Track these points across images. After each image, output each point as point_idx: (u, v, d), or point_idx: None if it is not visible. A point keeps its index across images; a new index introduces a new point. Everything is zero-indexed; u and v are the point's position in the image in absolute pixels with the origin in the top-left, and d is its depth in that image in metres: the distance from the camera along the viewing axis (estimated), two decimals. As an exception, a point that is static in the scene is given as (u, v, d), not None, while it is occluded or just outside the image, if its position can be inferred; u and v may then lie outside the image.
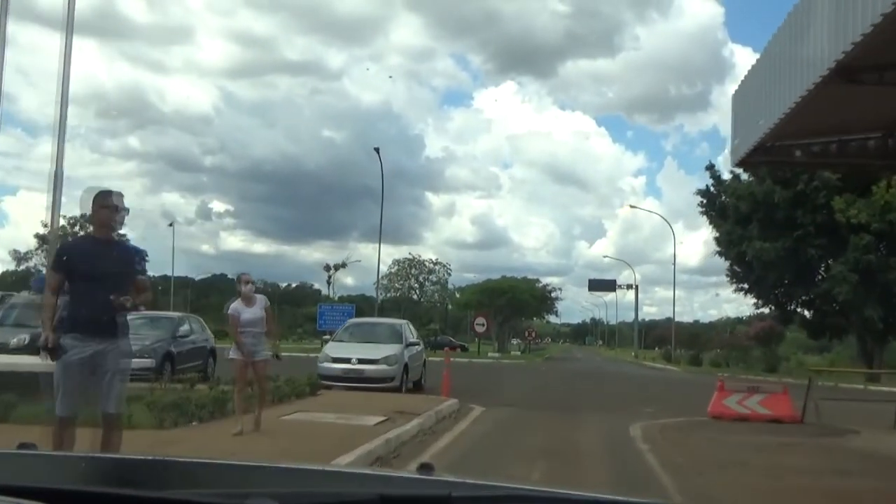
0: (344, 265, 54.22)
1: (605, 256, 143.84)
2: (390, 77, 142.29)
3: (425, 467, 1.46)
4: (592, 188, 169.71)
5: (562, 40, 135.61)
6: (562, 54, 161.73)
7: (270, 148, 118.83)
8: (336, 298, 53.24)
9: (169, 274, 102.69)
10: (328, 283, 54.82)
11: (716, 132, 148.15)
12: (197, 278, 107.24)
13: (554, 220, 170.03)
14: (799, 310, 39.31)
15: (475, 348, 64.39)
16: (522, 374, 28.08)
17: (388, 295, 50.90)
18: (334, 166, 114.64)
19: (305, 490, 1.33)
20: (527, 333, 67.88)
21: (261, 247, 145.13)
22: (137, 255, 8.43)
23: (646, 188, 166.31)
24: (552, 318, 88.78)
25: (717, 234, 37.84)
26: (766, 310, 42.52)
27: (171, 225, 57.34)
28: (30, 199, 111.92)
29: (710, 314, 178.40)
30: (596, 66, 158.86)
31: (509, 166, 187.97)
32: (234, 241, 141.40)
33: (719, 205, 37.97)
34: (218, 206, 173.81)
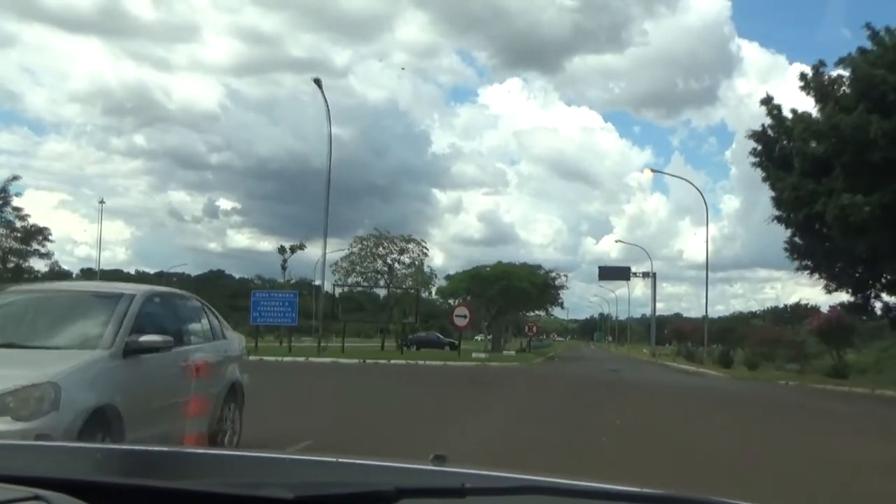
0: (302, 247, 44.30)
1: (617, 241, 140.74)
2: (402, 69, 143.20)
3: (439, 458, 1.48)
4: (599, 184, 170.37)
5: (569, 35, 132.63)
6: (569, 49, 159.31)
7: (276, 145, 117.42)
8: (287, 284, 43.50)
9: (165, 270, 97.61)
10: (283, 268, 45.00)
11: (723, 127, 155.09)
12: (193, 274, 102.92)
13: (561, 216, 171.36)
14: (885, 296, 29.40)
15: (469, 346, 54.67)
16: (500, 391, 18.05)
17: (353, 280, 40.79)
18: (341, 164, 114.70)
19: (320, 480, 1.34)
20: (527, 329, 57.92)
21: (267, 244, 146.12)
22: None
23: (653, 183, 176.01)
24: (557, 312, 79.33)
25: (778, 193, 27.78)
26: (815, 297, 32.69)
27: (101, 202, 47.70)
28: (37, 198, 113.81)
29: (718, 309, 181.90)
30: (603, 62, 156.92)
31: (516, 162, 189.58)
32: (241, 238, 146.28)
33: (780, 152, 27.95)
34: (225, 203, 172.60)
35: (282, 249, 45.61)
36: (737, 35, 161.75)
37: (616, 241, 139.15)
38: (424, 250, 40.64)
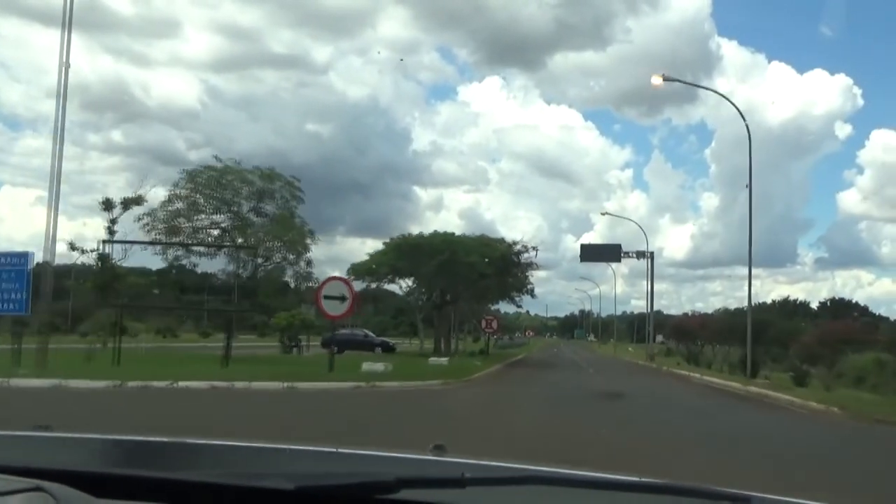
0: (139, 201, 28.56)
1: (603, 213, 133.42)
2: (401, 60, 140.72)
3: (439, 448, 1.52)
4: (579, 182, 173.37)
5: (550, 32, 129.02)
6: (550, 46, 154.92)
7: (257, 142, 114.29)
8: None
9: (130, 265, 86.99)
10: (110, 231, 29.45)
11: (703, 125, 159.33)
12: (154, 269, 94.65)
13: (542, 213, 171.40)
14: None
15: (414, 348, 39.01)
16: None
17: (176, 239, 24.65)
18: (321, 161, 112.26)
19: (320, 471, 1.36)
20: (483, 324, 42.66)
21: None
22: None
23: (633, 182, 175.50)
24: (531, 306, 64.47)
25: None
26: None
27: None
28: (14, 195, 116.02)
29: (697, 307, 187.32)
30: (584, 59, 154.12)
31: (497, 160, 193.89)
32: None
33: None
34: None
35: (107, 204, 30.02)
36: (716, 33, 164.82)
37: (602, 214, 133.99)
38: (297, 193, 25.16)
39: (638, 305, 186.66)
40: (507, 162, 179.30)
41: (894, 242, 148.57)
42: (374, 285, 39.24)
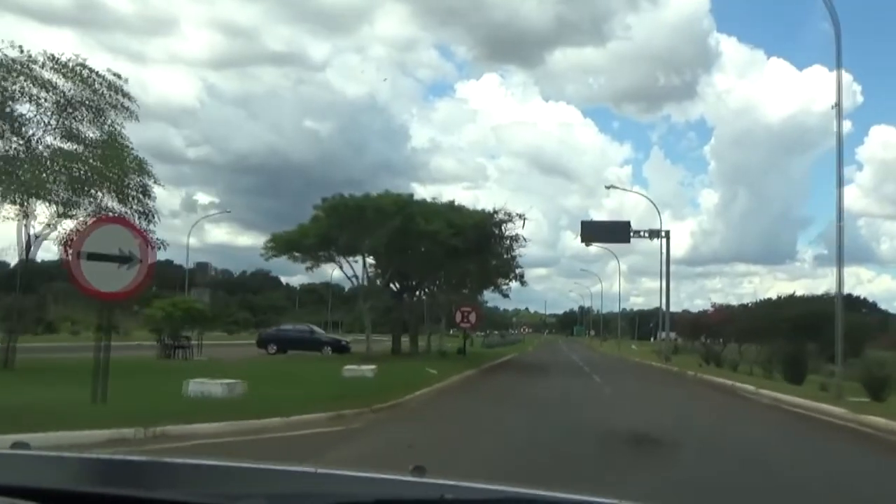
0: None
1: (608, 186, 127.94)
2: (384, 80, 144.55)
3: (418, 469, 1.48)
4: (578, 179, 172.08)
5: (549, 28, 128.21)
6: (549, 43, 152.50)
7: (255, 140, 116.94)
8: None
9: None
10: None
11: (702, 122, 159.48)
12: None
13: (541, 210, 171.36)
14: None
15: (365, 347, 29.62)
16: None
17: None
18: (319, 158, 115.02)
19: (299, 492, 1.33)
20: (459, 316, 33.63)
21: (246, 239, 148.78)
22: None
23: (632, 178, 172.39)
24: (525, 298, 55.59)
25: None
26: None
27: None
28: None
29: (696, 304, 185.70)
30: (584, 56, 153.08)
31: (496, 157, 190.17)
32: (220, 233, 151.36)
33: None
34: (203, 198, 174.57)
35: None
36: (715, 30, 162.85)
37: (607, 188, 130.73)
38: (123, 102, 15.81)
39: (637, 303, 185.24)
40: (506, 159, 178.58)
41: (893, 239, 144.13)
42: (308, 266, 30.13)
